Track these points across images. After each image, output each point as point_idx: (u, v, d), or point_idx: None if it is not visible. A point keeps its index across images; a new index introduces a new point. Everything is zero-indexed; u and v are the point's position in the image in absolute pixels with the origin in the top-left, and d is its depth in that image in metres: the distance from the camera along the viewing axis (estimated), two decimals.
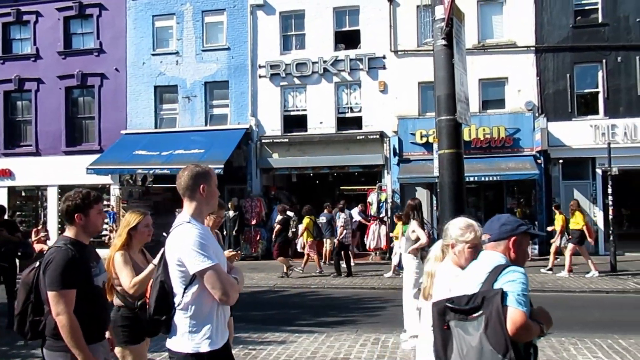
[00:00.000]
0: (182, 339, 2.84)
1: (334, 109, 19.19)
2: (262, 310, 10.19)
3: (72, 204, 3.25)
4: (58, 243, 3.26)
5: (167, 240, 2.92)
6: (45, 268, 3.13)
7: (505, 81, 18.12)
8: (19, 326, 3.28)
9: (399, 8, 18.67)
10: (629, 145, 16.88)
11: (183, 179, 2.97)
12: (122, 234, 4.09)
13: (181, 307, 2.84)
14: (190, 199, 2.96)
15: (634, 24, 17.31)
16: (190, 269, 2.78)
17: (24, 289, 3.28)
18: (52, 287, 3.08)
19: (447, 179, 4.09)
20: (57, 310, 3.05)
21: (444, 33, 4.26)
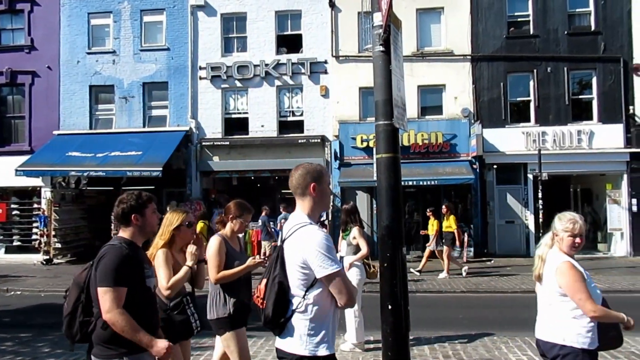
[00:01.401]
0: (299, 341, 2.79)
1: (276, 113, 19.13)
2: (201, 315, 10.00)
3: (127, 206, 3.24)
4: (112, 242, 3.22)
5: (288, 240, 2.86)
6: (97, 264, 3.07)
7: (443, 88, 18.62)
8: (67, 327, 3.16)
9: (340, 14, 18.85)
10: (557, 151, 17.68)
11: (295, 177, 2.97)
12: (165, 233, 4.05)
13: (301, 309, 2.79)
14: (302, 198, 2.96)
15: (563, 36, 18.19)
16: (317, 272, 2.74)
17: (76, 288, 3.20)
18: (103, 283, 3.00)
19: (384, 183, 4.12)
20: (106, 307, 2.97)
21: (382, 40, 4.30)
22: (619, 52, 17.92)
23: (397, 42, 4.91)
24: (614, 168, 17.83)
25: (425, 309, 9.77)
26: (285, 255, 2.86)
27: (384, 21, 4.24)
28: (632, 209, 17.55)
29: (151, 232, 3.40)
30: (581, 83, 18.56)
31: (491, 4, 18.45)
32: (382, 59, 4.30)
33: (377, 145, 4.29)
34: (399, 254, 4.00)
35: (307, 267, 2.76)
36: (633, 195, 17.59)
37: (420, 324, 7.47)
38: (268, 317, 2.84)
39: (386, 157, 4.14)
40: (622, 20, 17.98)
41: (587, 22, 18.46)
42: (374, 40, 4.34)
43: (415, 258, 17.71)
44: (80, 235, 19.34)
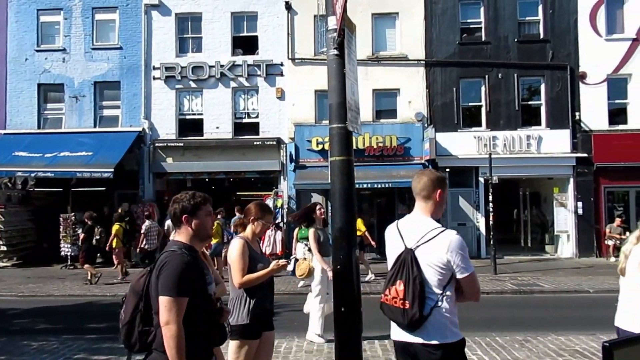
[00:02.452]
0: (441, 333, 3.01)
1: (231, 114, 19.00)
2: None
3: (180, 207, 3.05)
4: (171, 247, 3.00)
5: (427, 243, 3.03)
6: (159, 272, 2.87)
7: (398, 92, 18.84)
8: (126, 336, 3.00)
9: (296, 16, 18.88)
10: (507, 155, 18.09)
11: (423, 182, 3.20)
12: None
13: (440, 305, 3.01)
14: (425, 201, 3.20)
15: (513, 43, 18.67)
16: (458, 273, 2.99)
17: (134, 296, 3.03)
18: (166, 293, 2.80)
19: (338, 186, 4.13)
20: (167, 318, 2.78)
21: (336, 43, 4.31)
22: (566, 60, 18.50)
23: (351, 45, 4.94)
24: (561, 172, 18.36)
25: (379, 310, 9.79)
26: (421, 256, 3.04)
27: (338, 25, 4.26)
28: (577, 211, 18.11)
29: (206, 236, 3.17)
30: (530, 89, 19.08)
31: (445, 10, 18.80)
32: (336, 62, 4.31)
33: (331, 148, 4.29)
34: (352, 256, 4.01)
35: (448, 268, 2.99)
36: (579, 199, 18.15)
37: (373, 325, 7.48)
38: (415, 315, 2.99)
39: (340, 160, 4.15)
40: (569, 29, 18.58)
41: (537, 31, 19.00)
42: (328, 44, 4.35)
43: (369, 260, 17.83)
44: (27, 237, 18.73)
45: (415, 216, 3.24)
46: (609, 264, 16.66)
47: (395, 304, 3.10)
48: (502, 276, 14.10)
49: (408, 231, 3.18)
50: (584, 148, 18.19)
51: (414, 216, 3.25)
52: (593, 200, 18.10)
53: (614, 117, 18.52)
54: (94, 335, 8.16)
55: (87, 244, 14.00)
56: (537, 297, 11.84)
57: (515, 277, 14.03)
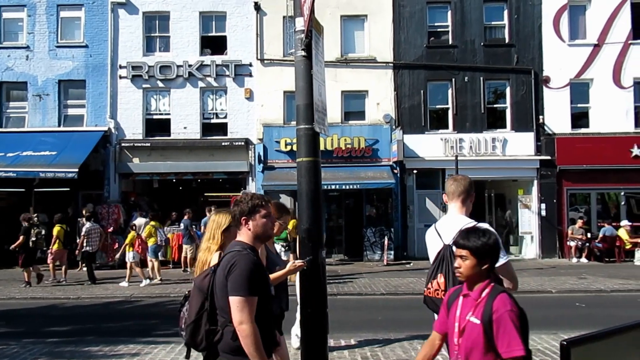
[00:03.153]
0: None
1: (199, 115, 18.83)
2: (116, 322, 9.72)
3: (239, 209, 3.11)
4: (235, 247, 3.03)
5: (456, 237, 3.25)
6: (227, 272, 2.87)
7: (366, 94, 18.96)
8: (191, 336, 3.02)
9: (265, 17, 18.83)
10: (473, 158, 18.38)
11: (463, 186, 3.58)
12: (217, 236, 3.81)
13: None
14: (463, 203, 3.55)
15: (479, 47, 18.97)
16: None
17: (199, 295, 3.05)
18: (237, 293, 2.82)
19: (304, 187, 4.13)
20: (240, 318, 2.80)
21: (304, 44, 4.32)
22: (530, 64, 18.90)
23: (319, 47, 4.94)
24: (525, 174, 18.73)
25: (346, 311, 9.86)
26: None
27: (305, 26, 4.26)
28: (541, 213, 18.50)
29: (265, 238, 3.20)
30: (496, 92, 19.42)
31: (412, 13, 19.00)
32: (304, 64, 4.32)
33: (298, 149, 4.29)
34: (319, 257, 4.03)
35: None
36: (542, 201, 18.56)
37: (340, 326, 7.52)
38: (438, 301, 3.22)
39: (307, 161, 4.15)
40: (534, 34, 18.99)
41: (502, 35, 19.35)
42: (296, 45, 4.35)
43: (337, 262, 17.92)
44: None
45: (451, 216, 3.57)
46: (571, 264, 17.09)
47: (438, 295, 3.32)
48: None
49: (445, 229, 3.49)
50: (548, 151, 18.60)
51: (449, 216, 3.59)
52: (556, 202, 18.52)
53: (577, 120, 18.98)
54: (56, 339, 8.00)
55: (24, 246, 13.71)
56: None
57: None
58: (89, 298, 12.17)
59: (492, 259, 2.67)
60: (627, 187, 18.78)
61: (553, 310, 10.08)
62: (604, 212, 19.50)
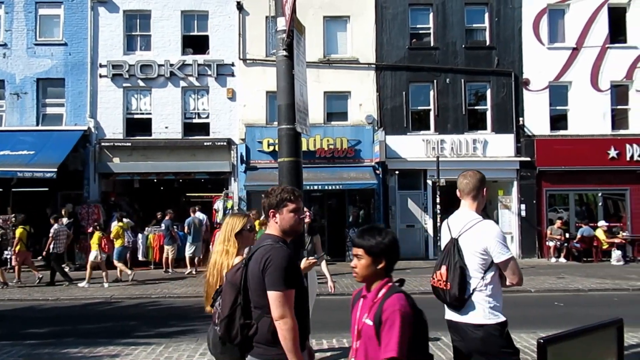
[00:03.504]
0: (483, 313, 3.43)
1: (181, 114, 18.69)
2: (95, 323, 9.59)
3: (267, 201, 3.12)
4: (266, 241, 3.02)
5: (466, 232, 3.49)
6: (264, 267, 2.86)
7: (348, 95, 19.01)
8: (226, 330, 3.03)
9: (248, 17, 18.77)
10: (455, 159, 18.53)
11: (472, 183, 3.68)
12: (232, 239, 3.77)
13: (481, 288, 3.43)
14: (474, 199, 3.66)
15: (460, 49, 19.15)
16: (496, 258, 3.39)
17: (232, 290, 3.05)
18: (276, 288, 2.83)
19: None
20: (281, 312, 2.82)
21: (285, 44, 4.31)
22: (510, 67, 19.12)
23: (300, 47, 4.93)
24: (505, 175, 18.92)
25: (329, 312, 9.80)
26: (464, 245, 3.48)
27: (287, 26, 4.26)
28: (521, 214, 18.74)
29: (292, 232, 3.15)
30: (477, 94, 19.61)
31: (395, 15, 19.10)
32: (285, 64, 4.32)
33: (280, 149, 4.30)
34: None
35: (487, 254, 3.41)
36: (522, 201, 18.79)
37: (323, 327, 7.51)
38: (455, 295, 3.43)
39: (288, 161, 4.16)
40: (514, 37, 19.22)
41: (483, 38, 19.56)
42: (278, 45, 4.35)
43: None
44: None
45: (461, 211, 3.69)
46: (550, 264, 17.34)
47: (440, 285, 3.54)
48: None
49: (454, 224, 3.65)
50: (527, 152, 18.84)
51: (460, 211, 3.70)
52: (535, 202, 18.77)
53: (556, 122, 19.26)
54: (34, 341, 7.89)
55: None
56: None
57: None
58: (68, 299, 12.01)
59: (388, 259, 2.59)
60: (604, 188, 19.12)
61: (532, 310, 10.20)
62: (582, 212, 19.82)
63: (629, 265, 16.93)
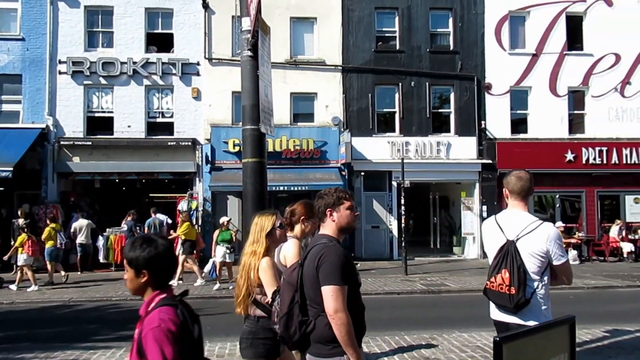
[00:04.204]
0: (540, 314, 3.51)
1: (144, 113, 18.34)
2: (53, 327, 9.31)
3: (324, 202, 3.18)
4: (321, 240, 3.09)
5: (527, 235, 3.52)
6: (318, 264, 2.94)
7: (315, 96, 19.04)
8: (285, 328, 3.08)
9: (214, 16, 18.58)
10: (419, 160, 18.78)
11: (524, 183, 3.70)
12: (262, 240, 3.79)
13: (540, 290, 3.51)
14: (524, 200, 3.69)
15: (425, 53, 19.44)
16: (555, 260, 3.49)
17: (289, 289, 3.11)
18: (330, 282, 2.89)
19: (250, 187, 4.08)
20: (335, 306, 2.86)
21: (250, 45, 4.26)
22: (473, 71, 19.53)
23: (265, 48, 4.89)
24: (467, 177, 19.33)
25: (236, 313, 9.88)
26: (522, 247, 3.51)
27: (252, 26, 4.22)
28: (482, 215, 19.12)
29: (349, 229, 3.25)
30: (441, 98, 19.95)
31: (361, 18, 19.24)
32: (250, 64, 4.29)
33: (244, 149, 4.27)
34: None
35: (546, 256, 3.48)
36: (483, 203, 19.20)
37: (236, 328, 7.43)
38: (521, 300, 3.45)
39: (252, 161, 4.13)
40: (477, 42, 19.64)
41: (447, 42, 19.91)
42: (242, 45, 4.31)
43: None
44: None
45: (513, 211, 3.70)
46: None
47: (502, 290, 3.54)
48: (413, 277, 14.57)
49: (508, 225, 3.64)
50: (489, 155, 19.27)
51: (511, 211, 3.72)
52: (496, 204, 19.16)
53: (516, 126, 19.78)
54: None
55: None
56: (445, 296, 12.35)
57: (425, 277, 14.56)
58: (24, 303, 11.60)
59: (152, 272, 2.42)
60: (561, 190, 19.74)
61: None
62: (540, 213, 20.38)
63: (584, 265, 17.53)
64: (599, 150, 19.52)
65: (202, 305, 10.86)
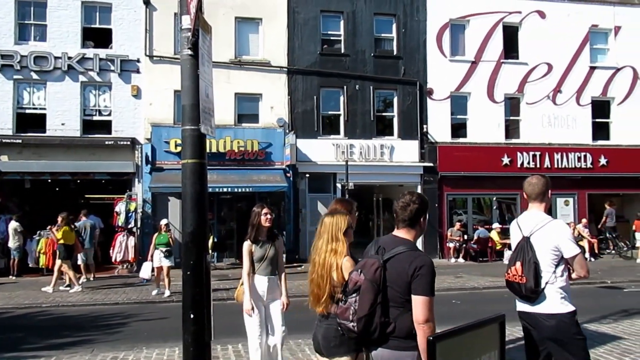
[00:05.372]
0: (555, 303, 3.83)
1: (79, 111, 17.55)
2: None
3: (418, 207, 3.32)
4: (408, 246, 3.23)
5: (538, 231, 3.88)
6: (415, 272, 3.07)
7: (260, 97, 18.85)
8: (365, 326, 3.16)
9: (155, 12, 18.04)
10: (363, 163, 18.98)
11: (538, 186, 4.05)
12: (340, 238, 3.77)
13: (553, 281, 3.83)
14: (541, 202, 4.06)
15: (369, 57, 19.68)
16: (566, 254, 3.82)
17: (372, 288, 3.16)
18: (425, 293, 3.06)
19: (189, 189, 3.96)
20: (426, 316, 3.03)
21: (190, 43, 4.13)
22: (416, 76, 19.95)
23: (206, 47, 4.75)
24: (410, 180, 19.69)
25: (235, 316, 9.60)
26: (536, 242, 3.87)
27: (192, 24, 4.09)
28: None
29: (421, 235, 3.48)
30: (385, 101, 20.26)
31: (307, 20, 19.24)
32: (190, 63, 4.18)
33: (183, 150, 4.15)
34: (203, 261, 3.92)
35: (558, 250, 3.81)
36: None
37: (228, 332, 7.25)
38: (530, 287, 3.82)
39: (192, 162, 4.02)
40: (419, 48, 20.08)
41: (391, 47, 20.26)
42: (182, 43, 4.19)
43: (228, 265, 17.57)
44: None
45: (531, 212, 4.09)
46: (449, 264, 18.24)
47: (515, 279, 3.93)
48: None
49: (525, 223, 4.04)
50: (430, 158, 19.72)
51: (530, 212, 4.09)
52: (437, 206, 19.66)
53: (456, 130, 20.37)
54: None
55: None
56: None
57: None
58: None
59: None
60: (498, 192, 20.49)
61: None
62: (479, 215, 21.06)
63: None
64: (532, 154, 20.40)
65: (140, 311, 10.55)
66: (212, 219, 18.02)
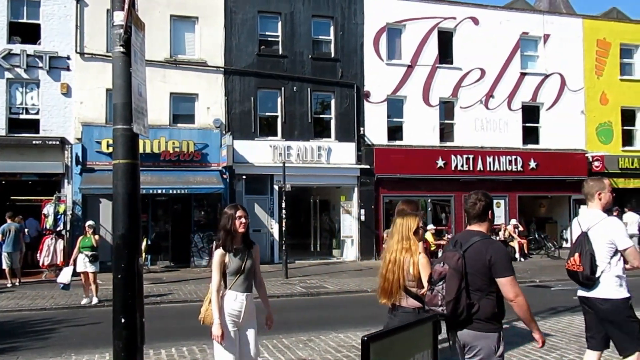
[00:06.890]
0: (611, 290, 4.42)
1: (5, 109, 16.89)
2: None
3: (487, 203, 3.79)
4: (481, 236, 3.69)
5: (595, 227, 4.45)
6: (492, 257, 3.54)
7: (196, 97, 18.64)
8: (453, 308, 3.54)
9: (87, 8, 17.54)
10: (301, 165, 19.07)
11: (592, 187, 4.62)
12: (411, 237, 4.24)
13: (608, 270, 4.41)
14: (593, 201, 4.63)
15: (307, 59, 19.80)
16: (620, 246, 4.37)
17: (456, 276, 3.57)
18: (508, 273, 3.54)
19: (121, 190, 3.84)
20: (515, 291, 3.53)
21: (122, 40, 4.01)
22: (353, 79, 20.21)
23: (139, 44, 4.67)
24: (347, 182, 19.96)
25: (170, 319, 9.61)
26: (593, 236, 4.44)
27: (124, 21, 4.01)
28: (360, 218, 19.83)
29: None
30: (323, 104, 20.43)
31: (244, 20, 19.16)
32: (122, 60, 4.05)
33: (115, 150, 4.03)
34: (135, 264, 3.80)
35: (613, 243, 4.38)
36: (361, 206, 19.90)
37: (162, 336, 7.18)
38: (587, 275, 4.42)
39: (124, 163, 3.92)
40: (357, 51, 20.36)
41: (328, 50, 20.44)
42: (114, 40, 4.08)
43: (162, 268, 17.29)
44: None
45: (589, 210, 4.67)
46: None
47: (574, 268, 4.54)
48: (293, 280, 14.75)
49: (584, 220, 4.62)
50: (367, 160, 20.03)
51: (588, 210, 4.68)
52: (374, 207, 19.99)
53: (392, 133, 20.78)
54: None
55: None
56: (323, 298, 12.61)
57: (305, 280, 14.78)
58: None
59: None
60: (433, 194, 21.03)
61: (369, 308, 10.77)
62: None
63: None
64: (466, 157, 21.05)
65: (69, 316, 10.27)
66: (146, 220, 17.68)
